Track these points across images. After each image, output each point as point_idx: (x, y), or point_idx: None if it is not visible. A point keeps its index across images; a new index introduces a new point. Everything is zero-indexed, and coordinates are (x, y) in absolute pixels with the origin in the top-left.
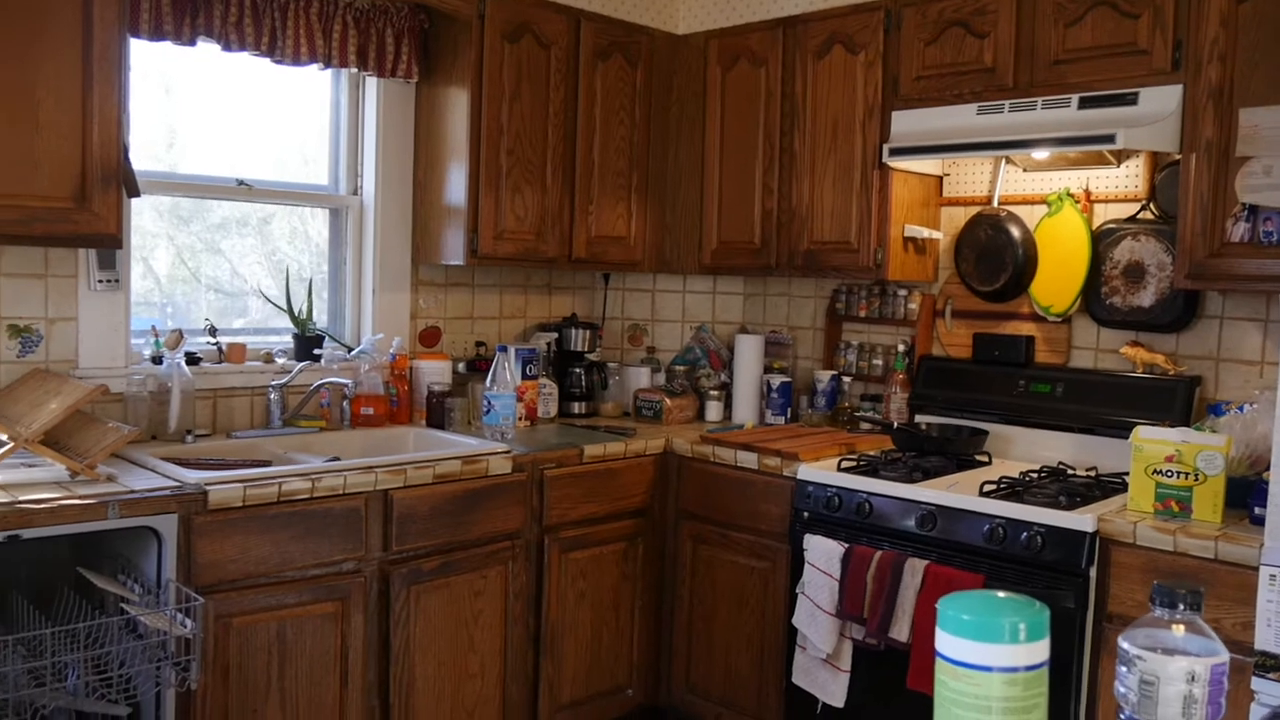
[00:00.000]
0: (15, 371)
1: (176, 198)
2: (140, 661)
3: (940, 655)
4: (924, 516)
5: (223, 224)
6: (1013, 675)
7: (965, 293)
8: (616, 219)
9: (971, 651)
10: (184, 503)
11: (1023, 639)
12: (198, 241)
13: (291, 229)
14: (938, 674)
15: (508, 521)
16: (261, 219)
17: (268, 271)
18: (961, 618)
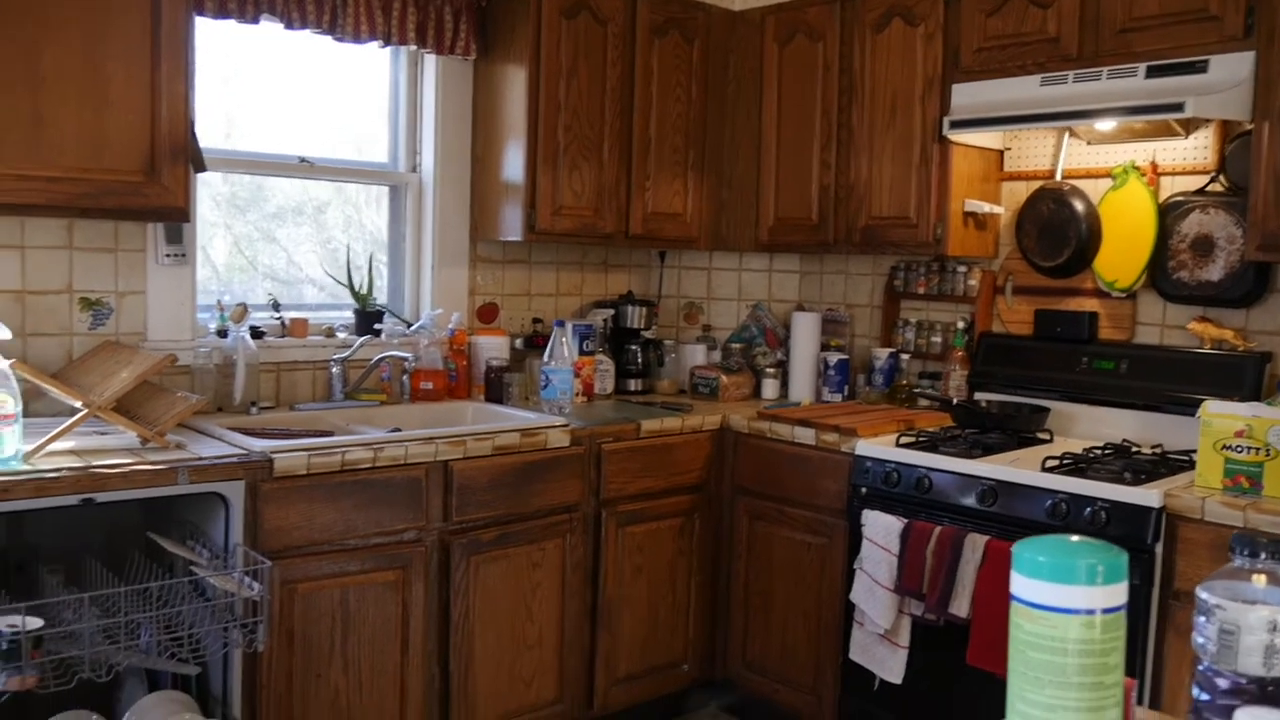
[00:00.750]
0: (87, 343)
1: (234, 188)
2: (208, 623)
3: (1015, 598)
4: (985, 492)
5: (279, 213)
6: (1090, 618)
7: (1026, 269)
8: (673, 195)
9: (1048, 593)
10: (251, 470)
11: (1100, 581)
12: (254, 230)
13: (346, 217)
14: (1013, 617)
15: (565, 494)
16: (316, 207)
17: (322, 259)
18: (1038, 559)
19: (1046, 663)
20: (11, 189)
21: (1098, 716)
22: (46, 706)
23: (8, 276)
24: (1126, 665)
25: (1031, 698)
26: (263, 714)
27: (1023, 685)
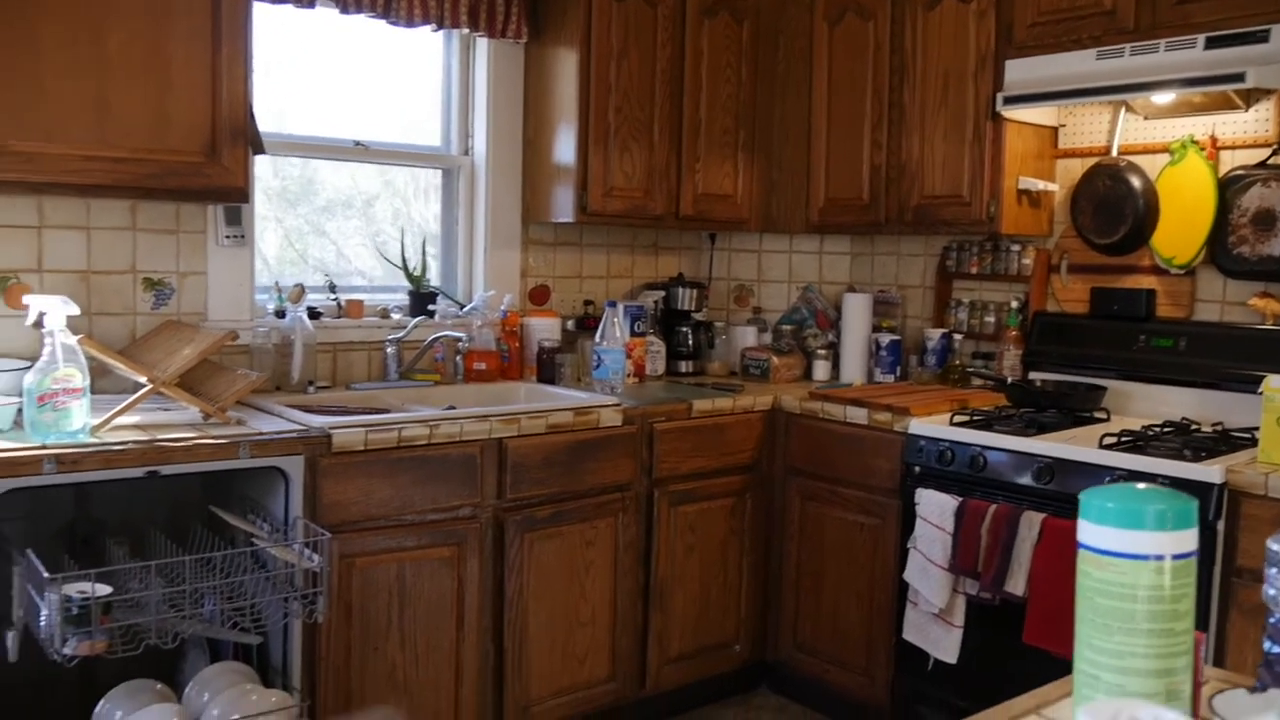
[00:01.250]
0: (150, 323)
1: (284, 181)
2: (269, 593)
3: (1083, 545)
4: (1041, 469)
5: (328, 206)
6: (1160, 564)
7: (1082, 246)
8: (723, 177)
9: (1116, 540)
10: (310, 445)
11: (1170, 526)
12: (304, 224)
13: (394, 210)
14: (1080, 565)
15: (618, 473)
16: (365, 201)
17: (372, 253)
18: (1106, 505)
19: (1115, 609)
20: (79, 169)
21: (1167, 664)
22: (112, 676)
23: (74, 257)
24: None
25: (1099, 645)
26: (322, 686)
27: (1090, 633)
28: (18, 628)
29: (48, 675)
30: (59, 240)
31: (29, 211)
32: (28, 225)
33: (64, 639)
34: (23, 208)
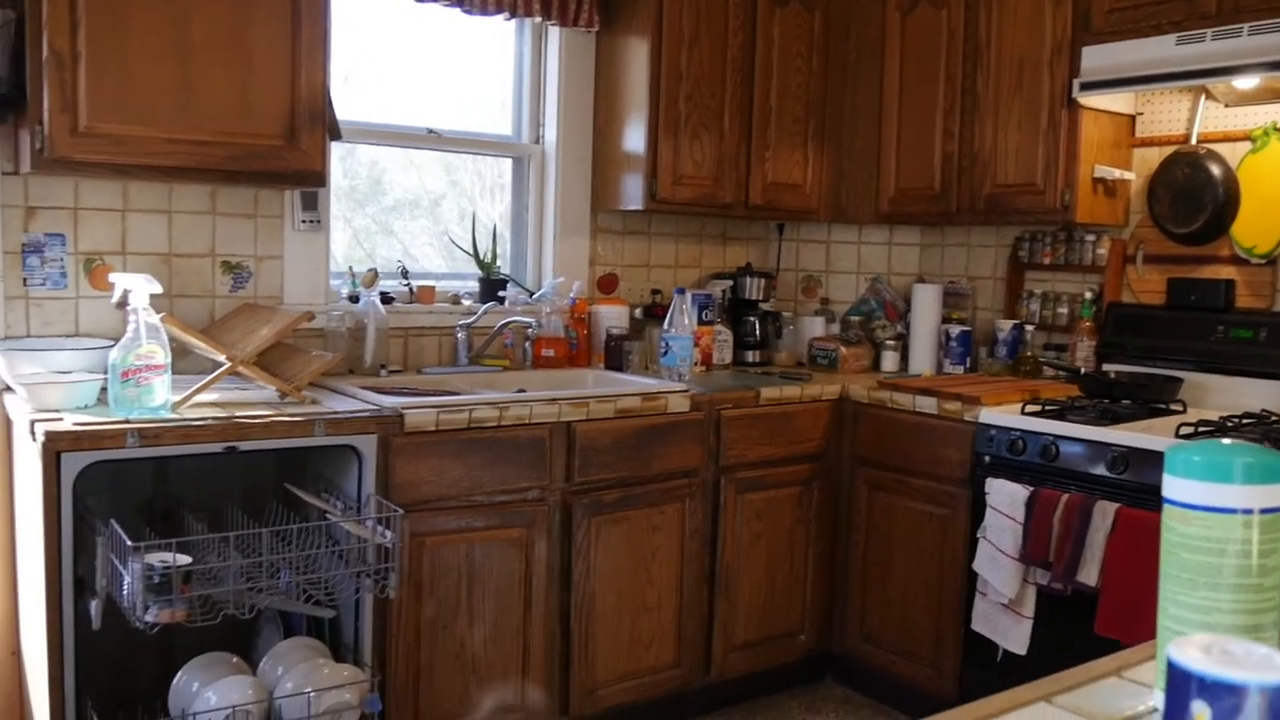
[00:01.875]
0: (228, 305)
1: (353, 181)
2: (341, 568)
3: (1168, 500)
4: (1115, 459)
5: (396, 206)
6: (1248, 517)
7: (1158, 236)
8: (793, 166)
9: (1203, 493)
10: (383, 424)
11: (1258, 480)
12: (372, 224)
13: (460, 210)
14: (1165, 520)
15: (685, 459)
16: (432, 200)
17: (438, 251)
18: (1193, 459)
19: (1201, 564)
20: (163, 151)
21: (1255, 620)
22: (189, 651)
23: (156, 240)
24: None
25: (1185, 600)
26: (392, 662)
27: (1175, 589)
28: (101, 596)
29: (129, 649)
30: (142, 223)
31: (114, 195)
32: (113, 208)
33: (145, 606)
34: (108, 191)
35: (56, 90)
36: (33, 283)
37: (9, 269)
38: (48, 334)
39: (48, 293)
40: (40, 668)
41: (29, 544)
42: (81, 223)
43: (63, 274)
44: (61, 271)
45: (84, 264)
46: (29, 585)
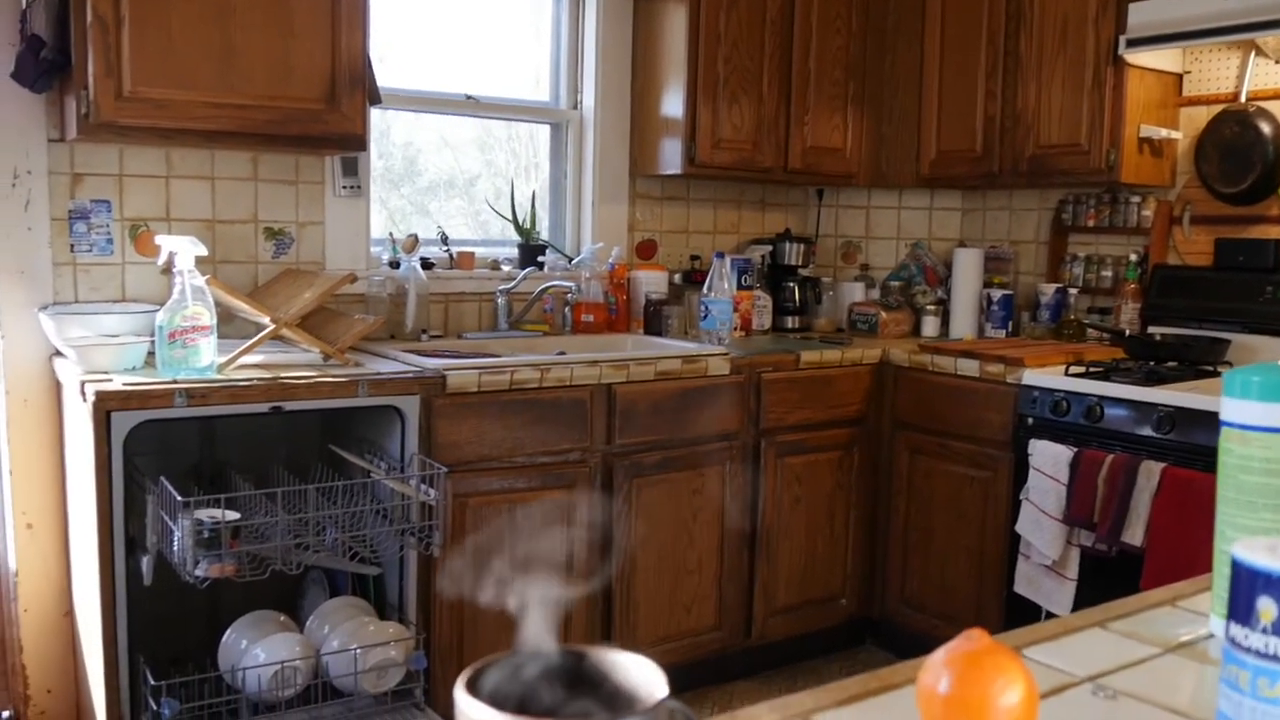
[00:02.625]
0: (270, 271)
1: (387, 162)
2: (383, 525)
3: (1225, 423)
4: (1161, 419)
5: (431, 187)
6: None
7: (1206, 196)
8: (832, 130)
9: (1263, 414)
10: (425, 385)
11: None
12: (408, 205)
13: (496, 189)
14: (1222, 443)
15: (725, 422)
16: (467, 180)
17: (473, 231)
18: (1251, 380)
19: (1261, 485)
20: (205, 115)
21: None
22: (236, 612)
23: (200, 206)
24: None
25: (1243, 523)
26: (436, 621)
27: (1234, 511)
28: (151, 553)
29: (178, 610)
30: (186, 190)
31: (158, 162)
32: (157, 175)
33: (195, 561)
34: (152, 158)
35: (100, 55)
36: (80, 249)
37: (56, 235)
38: (95, 299)
39: (94, 259)
40: (94, 626)
41: (81, 506)
42: (126, 189)
43: (109, 240)
44: (108, 238)
45: (129, 230)
46: (81, 546)
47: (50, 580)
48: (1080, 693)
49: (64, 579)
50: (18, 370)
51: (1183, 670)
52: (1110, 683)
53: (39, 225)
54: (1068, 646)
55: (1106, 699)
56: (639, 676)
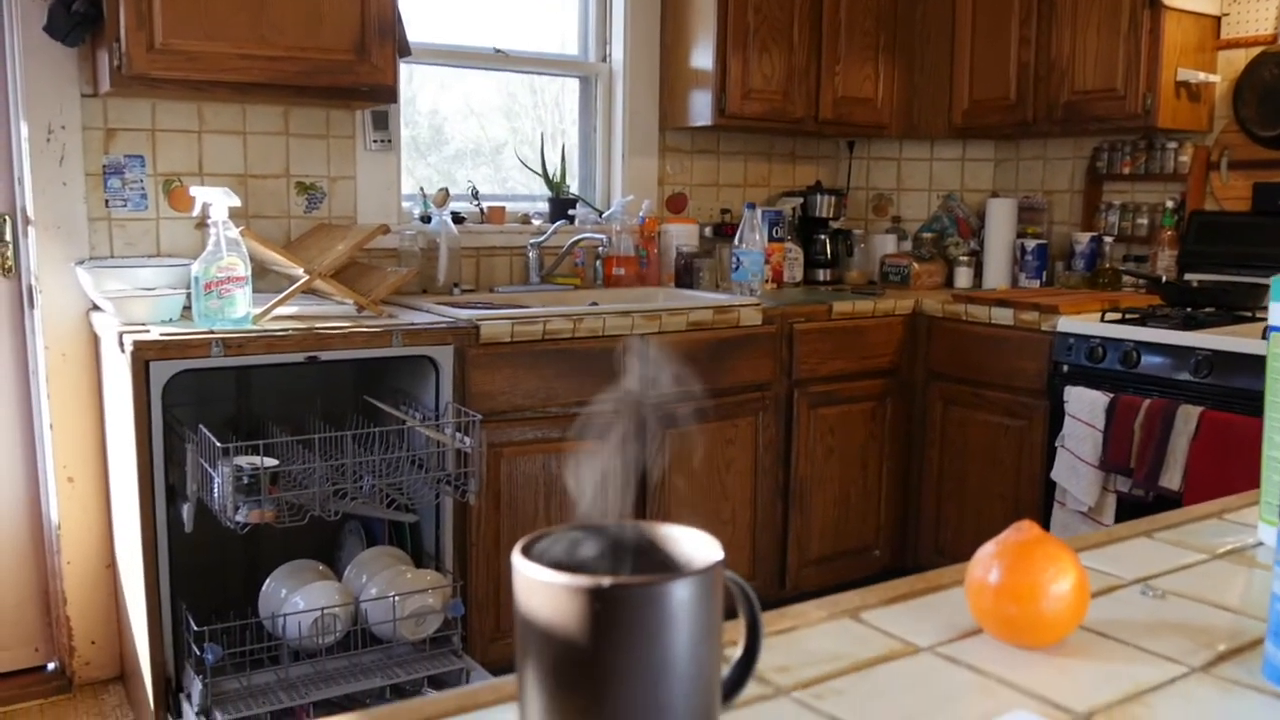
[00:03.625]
0: (303, 225)
1: (413, 130)
2: (419, 472)
3: (1274, 328)
4: (1199, 363)
5: (458, 155)
6: None
7: (1244, 141)
8: (863, 80)
9: None
10: (459, 335)
11: None
12: (435, 173)
13: (522, 157)
14: (1271, 349)
15: (758, 372)
16: (494, 148)
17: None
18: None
19: None
20: (237, 67)
21: None
22: (274, 563)
23: (232, 161)
24: None
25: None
26: (472, 570)
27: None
28: (191, 501)
29: (218, 560)
30: (218, 145)
31: (190, 116)
32: (189, 130)
33: (235, 507)
34: (184, 112)
35: (132, 7)
36: (114, 204)
37: (91, 190)
38: (130, 255)
39: (129, 214)
40: (136, 575)
41: (121, 458)
42: (159, 144)
43: (143, 195)
44: (142, 193)
45: (163, 185)
46: (122, 498)
47: (92, 533)
48: (1129, 593)
49: (105, 532)
50: (56, 325)
51: (1231, 574)
52: (1158, 584)
53: (74, 180)
54: (1114, 553)
55: (1155, 598)
56: (694, 546)
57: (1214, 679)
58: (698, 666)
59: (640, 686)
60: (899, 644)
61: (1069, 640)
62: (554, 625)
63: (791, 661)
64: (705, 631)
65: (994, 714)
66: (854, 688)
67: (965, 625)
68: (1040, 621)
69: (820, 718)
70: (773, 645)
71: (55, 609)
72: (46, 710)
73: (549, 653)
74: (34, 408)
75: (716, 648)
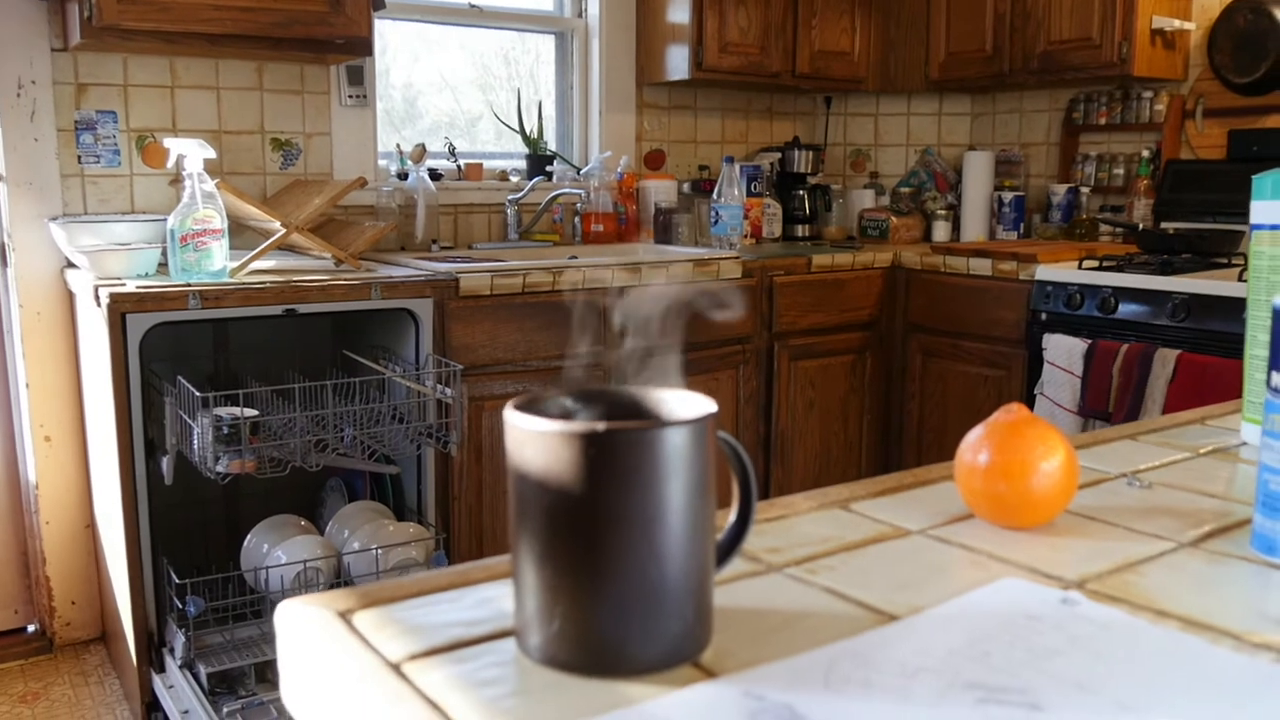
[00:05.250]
0: (280, 182)
1: (386, 104)
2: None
3: (1256, 227)
4: (1176, 307)
5: (433, 128)
6: None
7: (1219, 89)
8: (840, 33)
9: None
10: (438, 288)
11: None
12: (408, 146)
13: (498, 129)
14: (1254, 247)
15: (738, 326)
16: (469, 120)
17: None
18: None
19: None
20: (209, 18)
21: None
22: (255, 519)
23: (206, 117)
24: None
25: None
26: (455, 524)
27: (1265, 314)
28: (171, 454)
29: (198, 519)
30: (191, 100)
31: (162, 71)
32: (161, 84)
33: (216, 457)
34: (156, 67)
35: None
36: (87, 160)
37: (63, 147)
38: (104, 211)
39: (102, 170)
40: (116, 529)
41: (99, 415)
42: (132, 100)
43: (115, 152)
44: (114, 149)
45: (136, 141)
46: (101, 455)
47: (71, 492)
48: (1116, 485)
49: (84, 491)
50: (30, 283)
51: (1217, 468)
52: (1145, 477)
53: (45, 136)
54: (1099, 452)
55: (1143, 488)
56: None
57: (1204, 552)
58: (692, 515)
59: (636, 530)
60: (889, 528)
61: (1058, 522)
62: (549, 474)
63: (782, 544)
64: (699, 482)
65: (985, 583)
66: (845, 564)
67: (955, 511)
68: (1030, 499)
69: (813, 589)
70: (763, 530)
71: (34, 570)
72: (28, 671)
73: (544, 502)
74: (9, 367)
75: (710, 504)
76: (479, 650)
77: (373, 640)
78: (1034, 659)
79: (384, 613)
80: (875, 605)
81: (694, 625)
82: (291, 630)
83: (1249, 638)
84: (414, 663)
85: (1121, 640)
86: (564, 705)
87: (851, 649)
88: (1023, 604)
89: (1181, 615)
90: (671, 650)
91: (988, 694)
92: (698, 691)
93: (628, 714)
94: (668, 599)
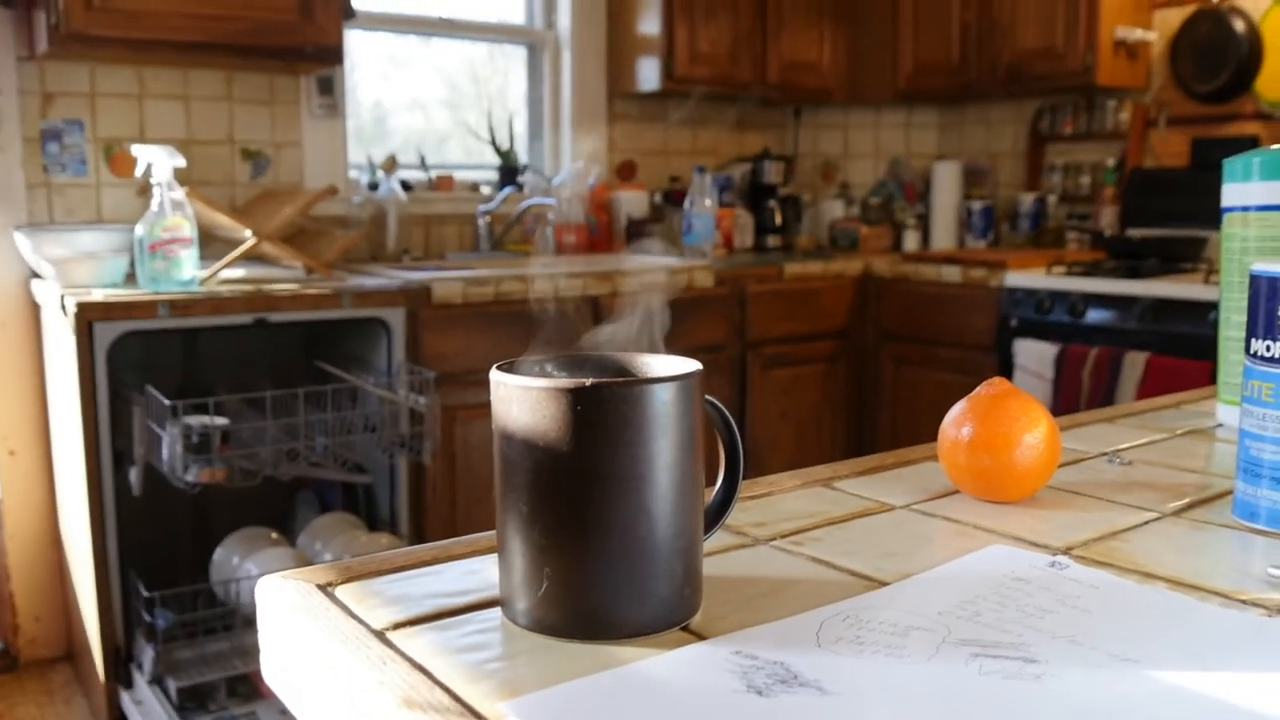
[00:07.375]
0: (249, 193)
1: (357, 122)
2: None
3: (1227, 209)
4: (1143, 311)
5: (403, 146)
6: None
7: (1181, 98)
8: (809, 45)
9: (1263, 193)
10: (410, 296)
11: None
12: (378, 161)
13: (467, 149)
14: (1225, 230)
15: (711, 334)
16: (439, 139)
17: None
18: (1251, 161)
19: None
20: (178, 26)
21: None
22: (225, 532)
23: (174, 127)
24: None
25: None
26: (428, 533)
27: (1238, 296)
28: (140, 464)
29: (166, 532)
30: (160, 110)
31: (130, 81)
32: (129, 94)
33: (185, 466)
34: (124, 77)
35: None
36: (53, 170)
37: (29, 156)
38: (70, 222)
39: (69, 179)
40: (84, 542)
41: (65, 427)
42: (99, 109)
43: (82, 161)
44: (81, 159)
45: (104, 151)
46: (67, 469)
47: (35, 508)
48: (1096, 463)
49: (49, 506)
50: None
51: (1195, 446)
52: (1124, 455)
53: (11, 145)
54: (1078, 434)
55: (1123, 465)
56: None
57: (1186, 520)
58: (680, 475)
59: (624, 487)
60: (874, 504)
61: (1040, 496)
62: (536, 431)
63: (768, 518)
64: (686, 441)
65: (972, 551)
66: (831, 536)
67: (939, 488)
68: (1013, 471)
69: (800, 559)
70: (747, 507)
71: None
72: None
73: (531, 461)
74: None
75: (698, 467)
76: (464, 619)
77: (356, 610)
78: (1025, 617)
79: (365, 585)
80: (863, 572)
81: (683, 587)
82: (272, 604)
83: (1236, 595)
84: (398, 631)
85: (1112, 599)
86: (551, 667)
87: (842, 610)
88: (1011, 568)
89: (1168, 576)
90: (661, 613)
91: (981, 649)
92: (689, 652)
93: (618, 673)
94: (657, 558)
